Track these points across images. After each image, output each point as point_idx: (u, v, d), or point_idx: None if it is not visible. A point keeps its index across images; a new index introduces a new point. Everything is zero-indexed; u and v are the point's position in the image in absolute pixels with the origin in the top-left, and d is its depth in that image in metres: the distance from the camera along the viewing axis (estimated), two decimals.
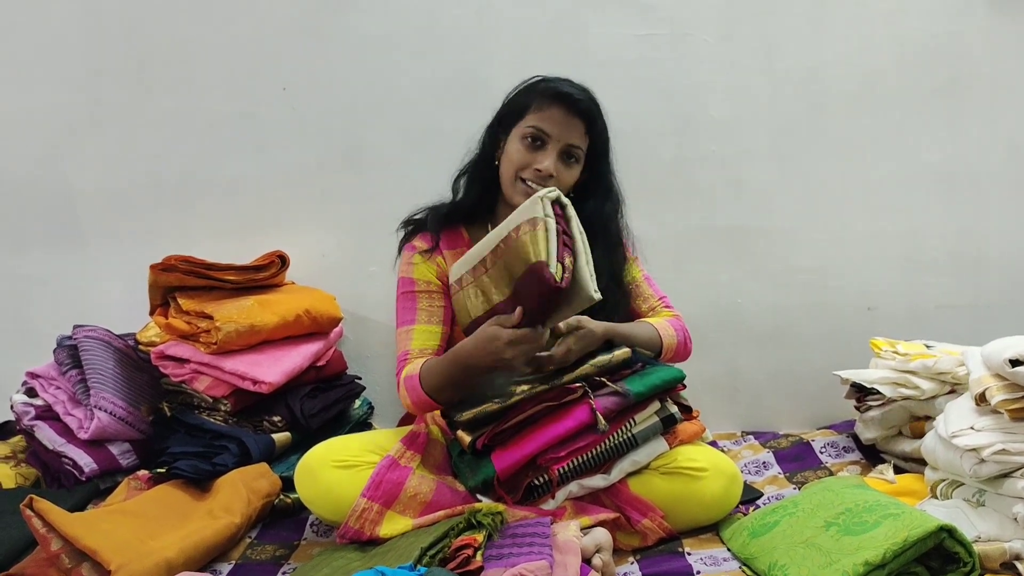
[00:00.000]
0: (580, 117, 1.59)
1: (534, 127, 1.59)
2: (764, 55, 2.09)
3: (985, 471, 1.32)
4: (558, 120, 1.58)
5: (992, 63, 2.08)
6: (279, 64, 2.11)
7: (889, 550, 1.17)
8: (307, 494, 1.52)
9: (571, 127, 1.59)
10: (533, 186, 1.57)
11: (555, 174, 1.58)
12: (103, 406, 1.77)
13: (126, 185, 2.15)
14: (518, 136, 1.60)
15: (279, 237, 2.09)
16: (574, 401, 1.49)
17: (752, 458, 1.88)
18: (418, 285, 1.66)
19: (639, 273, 1.75)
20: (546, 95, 1.60)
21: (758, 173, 2.11)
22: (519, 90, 1.65)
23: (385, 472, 1.49)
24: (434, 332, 1.63)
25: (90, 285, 2.18)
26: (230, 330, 1.78)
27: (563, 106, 1.58)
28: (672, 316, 1.70)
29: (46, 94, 2.14)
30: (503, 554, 1.28)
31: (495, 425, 1.48)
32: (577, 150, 1.60)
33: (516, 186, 1.60)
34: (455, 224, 1.71)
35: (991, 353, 1.39)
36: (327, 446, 1.56)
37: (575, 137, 1.59)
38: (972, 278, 2.12)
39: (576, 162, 1.62)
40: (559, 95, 1.59)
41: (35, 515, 1.31)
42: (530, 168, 1.58)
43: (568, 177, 1.61)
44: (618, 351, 1.53)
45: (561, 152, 1.59)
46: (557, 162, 1.58)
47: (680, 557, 1.44)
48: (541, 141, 1.59)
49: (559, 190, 1.42)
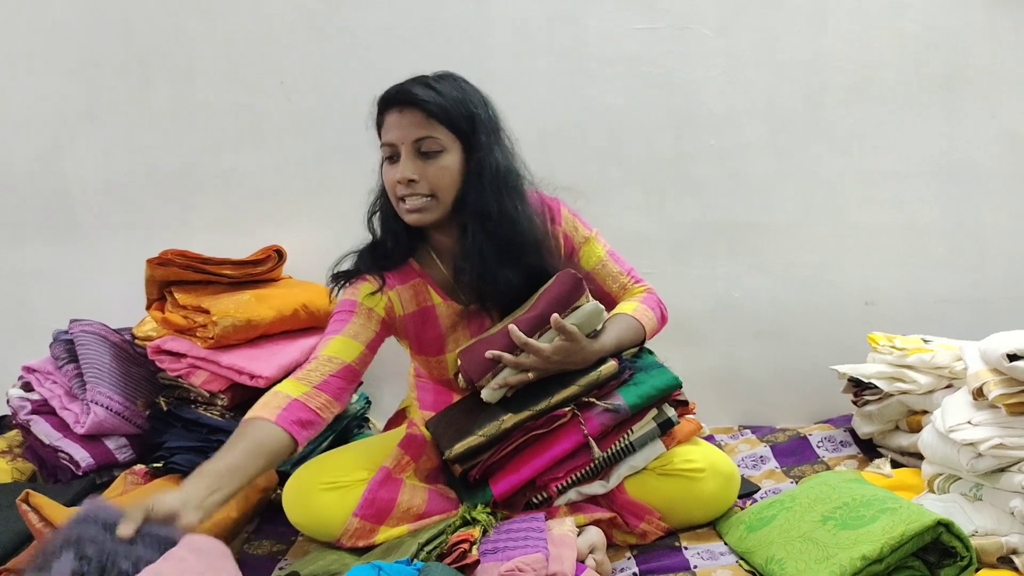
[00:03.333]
0: (413, 107, 1.45)
1: (384, 144, 1.49)
2: (763, 48, 2.07)
3: (982, 465, 1.32)
4: (395, 123, 1.46)
5: (991, 56, 2.07)
6: (278, 57, 2.10)
7: (886, 544, 1.17)
8: (296, 518, 1.50)
9: (409, 123, 1.45)
10: (410, 203, 1.47)
11: (417, 176, 1.45)
12: (99, 401, 1.77)
13: (123, 178, 2.15)
14: (383, 161, 1.51)
15: (277, 231, 2.09)
16: (564, 424, 1.46)
17: (749, 452, 1.87)
18: (360, 307, 1.52)
19: (602, 250, 1.64)
20: (380, 108, 1.50)
21: (757, 167, 2.10)
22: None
23: (377, 489, 1.47)
24: (355, 348, 1.48)
25: (87, 279, 2.18)
26: (227, 324, 1.77)
27: (393, 107, 1.47)
28: (644, 292, 1.64)
29: (43, 86, 2.13)
30: (499, 548, 1.28)
31: (486, 457, 1.45)
32: (429, 140, 1.45)
33: (401, 209, 1.50)
34: (397, 261, 1.57)
35: (989, 348, 1.39)
36: (316, 465, 1.55)
37: (417, 130, 1.45)
38: (971, 273, 2.12)
39: (438, 152, 1.46)
40: (384, 100, 1.48)
41: (31, 510, 1.30)
42: (397, 185, 1.47)
43: (437, 171, 1.46)
44: (604, 367, 1.48)
45: (413, 153, 1.46)
46: (414, 163, 1.45)
47: (677, 552, 1.44)
48: (394, 154, 1.48)
49: (435, 187, 1.44)
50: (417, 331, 1.58)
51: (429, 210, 1.48)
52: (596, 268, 1.64)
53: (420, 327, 1.58)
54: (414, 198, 1.47)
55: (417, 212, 1.48)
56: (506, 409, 1.46)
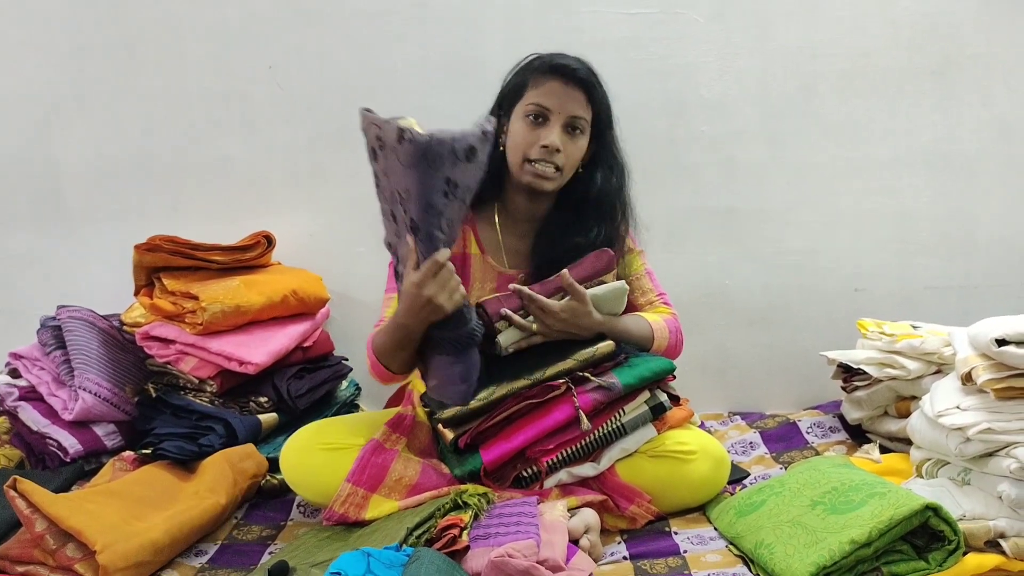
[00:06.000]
0: (579, 87, 1.57)
1: (535, 104, 1.56)
2: (756, 34, 2.07)
3: (970, 450, 1.33)
4: (557, 93, 1.56)
5: (984, 44, 2.07)
6: (268, 42, 2.09)
7: (875, 528, 1.18)
8: (292, 476, 1.51)
9: (571, 98, 1.56)
10: (540, 168, 1.55)
11: (561, 147, 1.55)
12: (88, 387, 1.76)
13: (112, 165, 2.14)
14: (520, 116, 1.58)
15: (267, 217, 2.08)
16: (558, 397, 1.48)
17: (739, 438, 1.88)
18: None
19: (642, 267, 1.71)
20: (542, 70, 1.58)
21: (749, 154, 2.10)
22: (515, 70, 1.63)
23: (370, 456, 1.48)
24: None
25: (75, 265, 2.16)
26: (216, 311, 1.76)
27: (560, 78, 1.56)
28: (669, 315, 1.67)
29: (31, 72, 2.12)
30: (489, 533, 1.28)
31: (478, 423, 1.47)
32: (581, 121, 1.58)
33: (524, 169, 1.57)
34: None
35: (978, 333, 1.39)
36: (313, 428, 1.56)
37: (577, 108, 1.57)
38: (961, 259, 2.12)
39: (581, 133, 1.59)
40: (555, 68, 1.57)
41: (19, 496, 1.30)
42: (536, 146, 1.55)
43: (575, 150, 1.59)
44: (601, 344, 1.50)
45: (565, 125, 1.56)
46: (562, 135, 1.56)
47: (667, 536, 1.44)
48: (543, 117, 1.56)
49: (566, 163, 1.50)
50: None
51: (552, 179, 1.58)
52: (631, 279, 1.69)
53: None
54: (547, 165, 1.56)
55: (543, 178, 1.57)
56: (501, 377, 1.48)
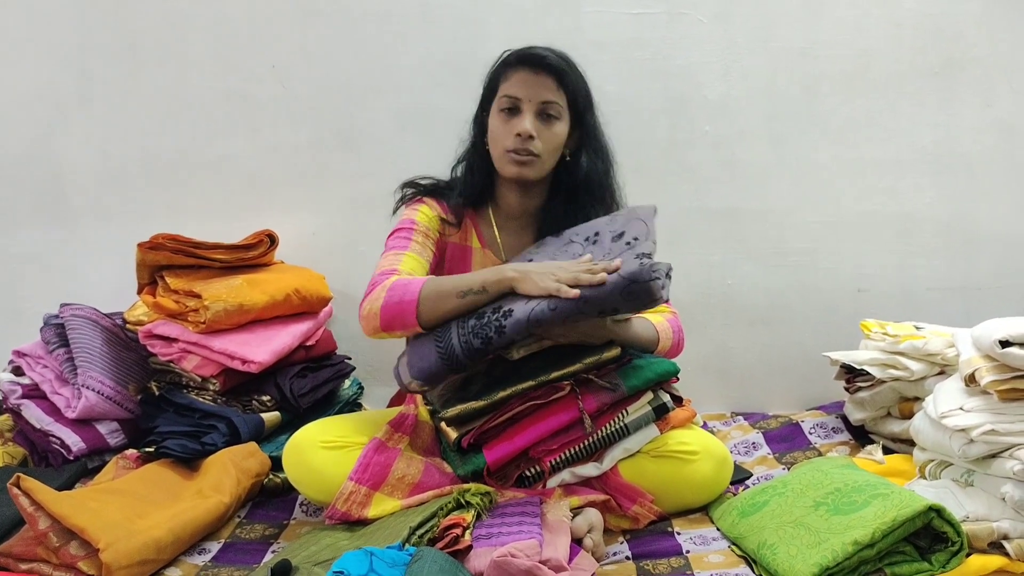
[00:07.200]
0: (548, 73, 1.58)
1: (507, 96, 1.59)
2: (759, 35, 2.07)
3: (974, 451, 1.33)
4: (526, 81, 1.58)
5: (987, 45, 2.07)
6: (271, 42, 2.09)
7: (878, 529, 1.18)
8: (295, 474, 1.51)
9: (541, 85, 1.58)
10: (518, 156, 1.57)
11: (535, 134, 1.56)
12: (91, 385, 1.76)
13: (115, 164, 2.14)
14: (496, 111, 1.61)
15: (269, 216, 2.07)
16: (562, 398, 1.47)
17: (741, 439, 1.88)
18: (419, 226, 1.63)
19: None
20: (510, 62, 1.61)
21: (751, 154, 2.10)
22: (490, 69, 1.65)
23: (372, 455, 1.48)
24: (423, 266, 1.59)
25: (79, 263, 2.17)
26: (218, 309, 1.76)
27: (528, 67, 1.58)
28: (670, 314, 1.66)
29: (35, 72, 2.12)
30: (492, 533, 1.28)
31: (481, 423, 1.46)
32: (554, 106, 1.58)
33: (505, 158, 1.59)
34: (464, 203, 1.69)
35: (981, 334, 1.39)
36: (316, 426, 1.56)
37: (547, 93, 1.58)
38: (963, 260, 2.12)
39: (557, 119, 1.59)
40: (523, 58, 1.59)
41: (22, 494, 1.30)
42: (511, 136, 1.57)
43: (551, 136, 1.59)
44: (608, 351, 1.49)
45: (537, 112, 1.58)
46: (535, 122, 1.57)
47: (670, 537, 1.44)
48: (515, 107, 1.58)
49: (543, 150, 1.54)
50: (451, 265, 1.69)
51: (532, 166, 1.59)
52: None
53: (456, 260, 1.69)
54: (523, 153, 1.57)
55: (523, 166, 1.59)
56: (506, 378, 1.47)
